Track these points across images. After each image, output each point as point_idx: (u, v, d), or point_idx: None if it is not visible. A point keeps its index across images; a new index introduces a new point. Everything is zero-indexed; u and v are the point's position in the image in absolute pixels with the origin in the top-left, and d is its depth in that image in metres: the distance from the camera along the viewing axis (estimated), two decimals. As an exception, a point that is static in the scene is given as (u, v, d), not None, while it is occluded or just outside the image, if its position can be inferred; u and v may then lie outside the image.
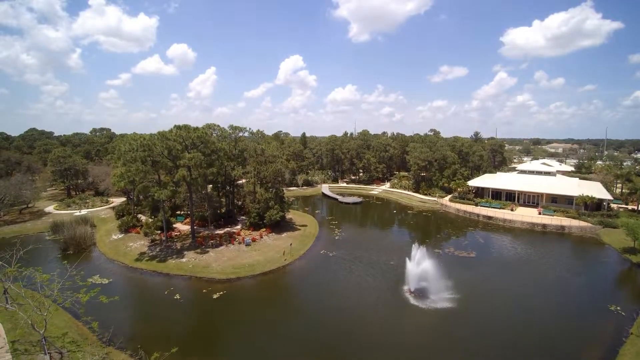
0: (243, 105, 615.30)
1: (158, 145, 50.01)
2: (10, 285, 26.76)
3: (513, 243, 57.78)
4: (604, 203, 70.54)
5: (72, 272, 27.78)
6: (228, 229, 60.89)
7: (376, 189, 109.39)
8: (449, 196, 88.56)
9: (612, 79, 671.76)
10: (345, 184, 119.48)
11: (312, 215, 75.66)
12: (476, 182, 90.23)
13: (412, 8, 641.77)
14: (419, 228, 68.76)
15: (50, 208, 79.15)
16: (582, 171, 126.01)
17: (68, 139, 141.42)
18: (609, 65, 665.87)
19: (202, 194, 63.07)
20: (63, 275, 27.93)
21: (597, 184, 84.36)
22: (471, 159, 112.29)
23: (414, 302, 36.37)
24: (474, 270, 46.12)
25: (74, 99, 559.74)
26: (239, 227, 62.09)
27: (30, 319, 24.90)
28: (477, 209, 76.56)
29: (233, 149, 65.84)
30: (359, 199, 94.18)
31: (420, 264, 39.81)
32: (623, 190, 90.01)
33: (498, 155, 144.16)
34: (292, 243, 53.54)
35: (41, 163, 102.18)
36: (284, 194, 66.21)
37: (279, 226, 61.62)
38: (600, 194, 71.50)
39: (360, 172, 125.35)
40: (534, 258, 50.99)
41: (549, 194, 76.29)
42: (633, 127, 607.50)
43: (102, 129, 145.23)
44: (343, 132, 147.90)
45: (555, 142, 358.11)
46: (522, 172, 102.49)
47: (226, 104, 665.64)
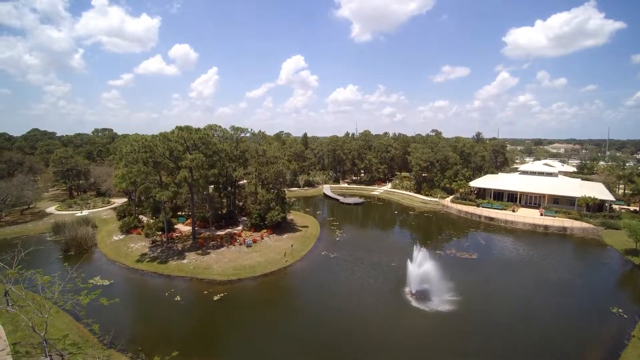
0: (245, 105, 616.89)
1: (160, 146, 50.08)
2: (11, 287, 26.81)
3: (515, 244, 57.63)
4: (606, 204, 70.32)
5: (73, 274, 27.80)
6: (229, 230, 60.92)
7: (377, 190, 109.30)
8: (451, 197, 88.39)
9: (614, 79, 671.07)
10: (346, 185, 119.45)
11: (314, 216, 75.66)
12: (478, 182, 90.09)
13: (414, 8, 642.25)
14: (421, 229, 68.65)
15: (52, 209, 79.32)
16: (584, 172, 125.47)
17: (70, 140, 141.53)
18: (612, 66, 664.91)
19: (204, 195, 63.11)
20: (64, 277, 27.91)
21: (599, 184, 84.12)
22: (473, 159, 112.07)
23: (415, 304, 36.27)
24: (475, 272, 46.02)
25: (76, 99, 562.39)
26: (240, 228, 62.10)
27: (31, 322, 24.93)
28: (479, 210, 76.41)
29: (234, 150, 65.84)
30: (360, 200, 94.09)
31: (421, 266, 39.71)
32: (625, 191, 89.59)
33: (500, 156, 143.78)
34: (293, 244, 53.53)
35: (43, 163, 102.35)
36: (285, 195, 66.21)
37: (280, 227, 61.60)
38: (602, 195, 71.27)
39: (361, 173, 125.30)
40: (535, 259, 50.84)
41: (550, 195, 76.08)
42: (635, 127, 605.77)
43: (104, 129, 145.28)
44: (344, 133, 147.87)
45: (557, 142, 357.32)
46: (524, 172, 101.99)
47: (228, 104, 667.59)
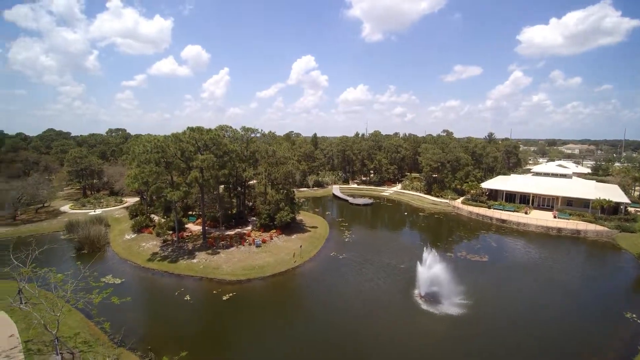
0: (255, 105, 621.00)
1: (171, 146, 50.78)
2: (25, 285, 27.39)
3: (527, 247, 56.69)
4: (622, 207, 68.75)
5: (85, 273, 28.30)
6: (239, 229, 61.29)
7: (387, 191, 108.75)
8: (462, 198, 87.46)
9: (631, 78, 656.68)
10: (356, 185, 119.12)
11: (323, 217, 75.60)
12: (489, 184, 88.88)
13: (426, 7, 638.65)
14: (431, 231, 68.07)
15: (66, 207, 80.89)
16: (599, 173, 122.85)
17: (84, 140, 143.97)
18: (628, 64, 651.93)
19: (214, 195, 63.64)
20: (77, 276, 28.39)
21: (614, 186, 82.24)
22: (485, 160, 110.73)
23: (424, 306, 35.95)
24: (486, 275, 45.42)
25: (90, 99, 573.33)
26: (249, 228, 62.43)
27: (43, 320, 25.40)
28: (490, 212, 75.37)
29: (245, 151, 66.24)
30: (370, 201, 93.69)
31: (431, 268, 39.37)
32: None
33: (512, 157, 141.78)
34: (302, 245, 53.59)
35: (58, 163, 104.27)
36: (294, 195, 66.32)
37: (289, 227, 61.73)
38: (617, 197, 69.63)
39: (371, 173, 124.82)
40: (548, 262, 49.90)
41: (564, 197, 74.65)
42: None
43: (117, 129, 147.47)
44: (354, 133, 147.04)
45: (572, 143, 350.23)
46: (537, 174, 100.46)
47: (239, 105, 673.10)
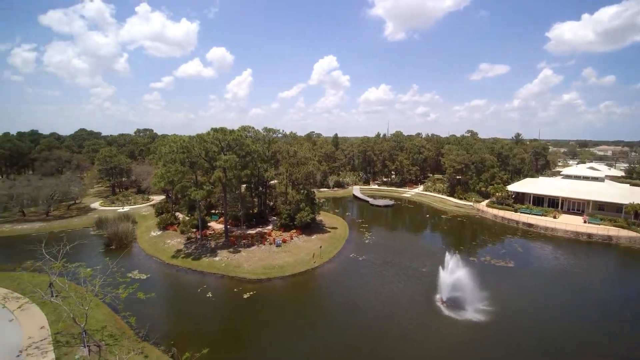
0: (277, 105, 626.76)
1: (196, 147, 52.09)
2: (55, 279, 28.74)
3: (555, 253, 54.56)
4: (659, 212, 65.08)
5: (113, 269, 29.45)
6: (259, 229, 62.04)
7: (409, 192, 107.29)
8: (486, 201, 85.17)
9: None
10: (376, 186, 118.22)
11: (343, 218, 75.36)
12: (516, 186, 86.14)
13: (451, 4, 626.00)
14: (453, 234, 66.69)
15: (96, 204, 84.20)
16: (634, 176, 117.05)
17: (114, 139, 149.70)
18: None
19: (236, 195, 64.72)
20: (105, 271, 29.60)
21: (651, 191, 77.97)
22: (511, 162, 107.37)
23: (446, 312, 35.24)
24: (511, 281, 44.02)
25: (120, 101, 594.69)
26: (270, 227, 63.09)
27: (72, 313, 26.59)
28: (517, 216, 73.04)
29: (266, 151, 67.00)
30: (391, 202, 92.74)
31: (453, 273, 38.49)
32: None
33: (541, 159, 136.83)
34: (321, 245, 53.68)
35: (89, 162, 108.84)
36: (314, 196, 66.53)
37: (309, 228, 61.96)
38: (654, 202, 65.96)
39: (392, 174, 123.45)
40: (576, 270, 47.94)
41: (595, 201, 71.41)
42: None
43: (145, 129, 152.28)
44: (376, 133, 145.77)
45: (604, 144, 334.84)
46: (567, 176, 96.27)
47: (261, 105, 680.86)
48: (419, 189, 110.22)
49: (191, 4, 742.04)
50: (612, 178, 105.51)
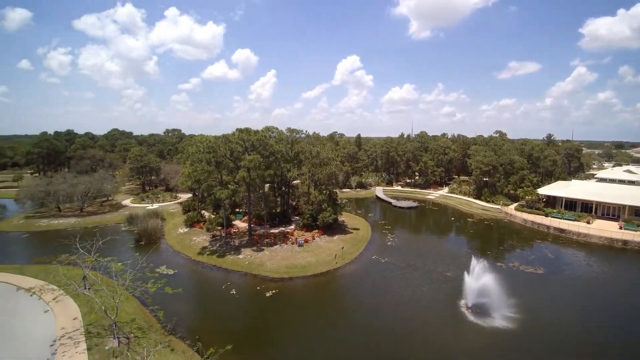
0: (300, 106, 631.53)
1: (221, 147, 53.34)
2: (88, 272, 30.17)
3: (587, 260, 52.21)
4: None
5: (142, 264, 30.65)
6: (282, 228, 62.71)
7: (433, 194, 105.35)
8: (515, 204, 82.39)
9: None
10: (400, 187, 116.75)
11: (365, 219, 74.98)
12: (547, 190, 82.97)
13: (479, 0, 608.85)
14: (480, 238, 64.87)
15: (127, 201, 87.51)
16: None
17: (144, 139, 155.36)
18: None
19: (260, 194, 65.67)
20: (135, 266, 30.81)
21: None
22: (542, 164, 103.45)
23: (471, 318, 34.40)
24: (540, 289, 42.41)
25: (150, 102, 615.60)
26: (292, 227, 63.66)
27: (104, 305, 27.84)
28: (547, 220, 70.28)
29: (289, 151, 67.63)
30: (414, 204, 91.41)
31: (480, 278, 37.49)
32: None
33: (574, 161, 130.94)
34: (343, 246, 53.66)
35: (121, 160, 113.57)
36: (337, 196, 66.56)
37: (331, 228, 62.05)
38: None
39: (416, 176, 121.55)
40: (610, 278, 45.73)
41: (632, 206, 67.71)
42: None
43: (173, 129, 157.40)
44: (399, 134, 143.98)
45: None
46: (602, 180, 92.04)
47: (284, 105, 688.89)
48: (444, 190, 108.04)
49: (218, 7, 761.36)
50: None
